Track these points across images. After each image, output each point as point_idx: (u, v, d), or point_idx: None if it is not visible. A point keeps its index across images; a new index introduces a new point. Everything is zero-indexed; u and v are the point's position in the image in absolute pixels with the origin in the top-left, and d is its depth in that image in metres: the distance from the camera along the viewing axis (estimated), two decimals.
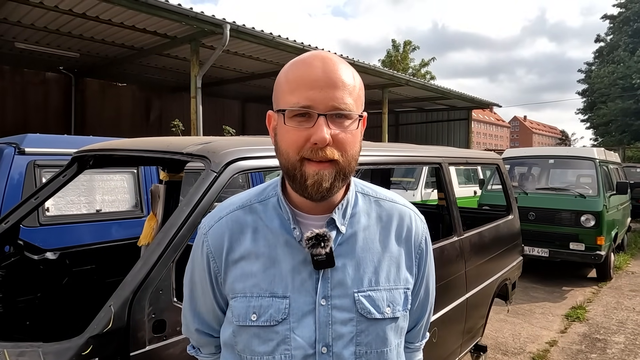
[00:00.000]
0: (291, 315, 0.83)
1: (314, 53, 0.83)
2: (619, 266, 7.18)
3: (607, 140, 28.38)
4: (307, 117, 0.78)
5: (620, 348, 4.09)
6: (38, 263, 2.51)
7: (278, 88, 0.85)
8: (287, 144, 0.80)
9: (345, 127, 0.80)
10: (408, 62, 28.15)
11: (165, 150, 1.74)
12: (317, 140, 0.77)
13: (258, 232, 0.88)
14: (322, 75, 0.79)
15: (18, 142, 3.32)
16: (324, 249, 0.82)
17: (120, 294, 1.24)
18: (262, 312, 0.84)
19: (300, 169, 0.80)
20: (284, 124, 0.80)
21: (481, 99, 15.98)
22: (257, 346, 0.84)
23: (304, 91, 0.78)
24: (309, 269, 0.84)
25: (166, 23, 7.62)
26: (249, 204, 0.92)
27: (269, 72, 11.39)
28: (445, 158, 3.08)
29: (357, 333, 0.84)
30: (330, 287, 0.84)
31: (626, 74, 25.35)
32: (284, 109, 0.80)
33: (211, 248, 0.90)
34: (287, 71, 0.84)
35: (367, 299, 0.85)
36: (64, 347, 1.15)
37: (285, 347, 0.83)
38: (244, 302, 0.85)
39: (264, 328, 0.83)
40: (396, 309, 0.88)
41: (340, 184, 0.82)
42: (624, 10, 28.99)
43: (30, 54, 9.85)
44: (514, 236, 3.97)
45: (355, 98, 0.81)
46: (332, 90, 0.78)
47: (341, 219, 0.87)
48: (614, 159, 8.21)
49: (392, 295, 0.88)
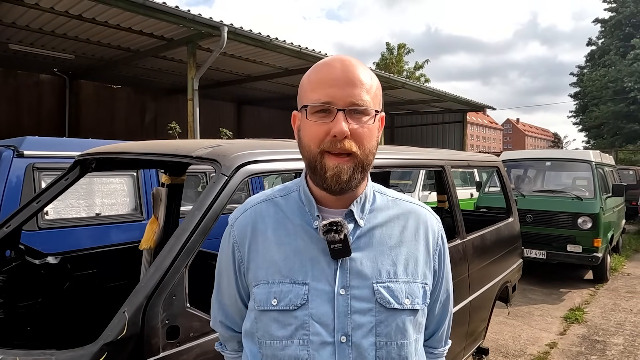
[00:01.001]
0: (310, 302, 0.86)
1: (334, 56, 0.90)
2: (615, 268, 7.23)
3: (599, 142, 28.66)
4: (327, 113, 0.84)
5: (619, 349, 4.12)
6: (39, 268, 2.47)
7: (301, 88, 0.91)
8: (309, 137, 0.86)
9: (363, 122, 0.85)
10: (402, 65, 28.26)
11: (174, 154, 1.72)
12: (336, 133, 0.82)
13: (280, 223, 0.93)
14: (341, 74, 0.85)
15: (17, 144, 3.28)
16: (338, 235, 0.85)
17: (133, 300, 1.22)
18: (282, 297, 0.87)
19: (320, 161, 0.85)
20: (306, 119, 0.86)
21: (476, 101, 16.07)
22: (276, 330, 0.87)
23: (325, 89, 0.85)
24: (328, 259, 0.87)
25: (163, 25, 7.58)
26: (271, 198, 0.98)
27: (265, 75, 11.38)
28: (448, 161, 3.08)
29: (376, 323, 0.86)
30: (349, 277, 0.87)
31: (617, 77, 25.63)
32: (306, 105, 0.86)
33: (236, 238, 0.96)
34: (310, 73, 0.91)
35: (385, 289, 0.87)
36: (78, 355, 1.13)
37: (303, 332, 0.85)
38: (265, 288, 0.89)
39: (283, 312, 0.86)
40: (415, 301, 0.90)
41: (359, 177, 0.86)
42: (615, 14, 29.36)
43: (24, 56, 9.75)
44: (514, 238, 3.98)
45: (372, 96, 0.87)
46: (351, 87, 0.84)
47: (359, 212, 0.91)
48: (609, 161, 8.29)
49: (411, 288, 0.90)
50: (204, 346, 1.34)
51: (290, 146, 1.91)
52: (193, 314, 1.34)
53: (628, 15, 28.10)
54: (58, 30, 8.02)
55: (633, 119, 25.73)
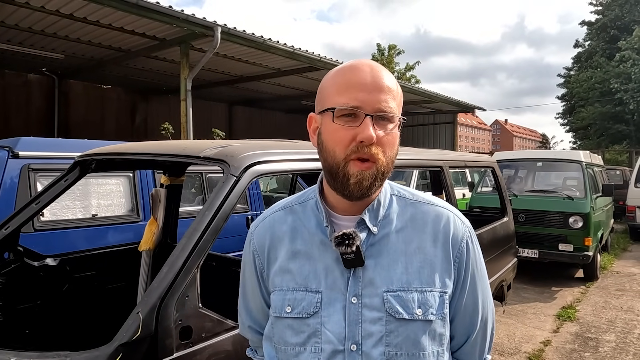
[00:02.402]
0: (323, 310, 0.86)
1: (360, 60, 0.89)
2: (605, 266, 7.35)
3: (586, 143, 29.12)
4: (353, 117, 0.83)
5: (611, 346, 4.19)
6: (38, 270, 2.44)
7: (324, 91, 0.89)
8: (334, 142, 0.84)
9: (388, 130, 0.85)
10: (393, 66, 28.38)
11: (181, 154, 1.72)
12: (364, 138, 0.81)
13: (297, 231, 0.93)
14: (371, 79, 0.84)
15: (12, 145, 3.23)
16: (349, 248, 0.84)
17: (147, 301, 1.22)
18: (296, 304, 0.88)
19: (344, 168, 0.84)
20: (331, 122, 0.84)
21: (466, 102, 16.23)
22: (290, 337, 0.88)
23: (354, 92, 0.83)
24: (341, 268, 0.87)
25: (156, 25, 7.52)
26: (289, 205, 0.98)
27: (258, 75, 11.35)
28: (447, 161, 3.12)
29: (386, 333, 0.84)
30: (361, 286, 0.86)
31: (604, 79, 26.08)
32: (333, 108, 0.84)
33: (256, 246, 0.97)
34: (335, 75, 0.89)
35: (396, 298, 0.85)
36: (93, 356, 1.12)
37: (315, 339, 0.86)
38: (280, 295, 0.91)
39: (297, 320, 0.87)
40: (428, 312, 0.86)
41: (379, 183, 0.86)
42: (601, 17, 29.87)
43: (12, 55, 9.59)
44: (509, 238, 4.04)
45: (397, 103, 0.88)
46: (379, 93, 0.84)
47: (372, 219, 0.90)
48: (598, 161, 8.43)
49: (425, 297, 0.87)
50: (217, 346, 1.35)
51: (295, 147, 1.92)
52: (205, 314, 1.34)
53: (613, 18, 28.62)
54: (48, 30, 7.91)
55: (619, 119, 26.21)
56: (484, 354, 1.00)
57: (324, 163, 0.88)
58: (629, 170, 13.16)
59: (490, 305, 0.99)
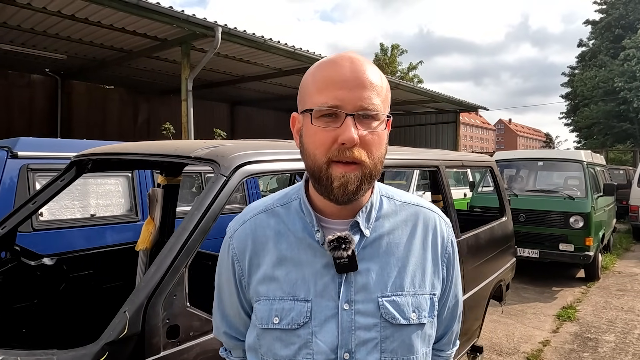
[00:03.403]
0: (313, 319, 0.82)
1: (341, 54, 0.82)
2: (606, 266, 7.32)
3: (590, 142, 29.02)
4: (334, 118, 0.77)
5: (611, 347, 4.18)
6: (35, 269, 2.46)
7: (304, 89, 0.83)
8: (314, 145, 0.79)
9: (373, 128, 0.79)
10: (396, 66, 28.35)
11: (173, 154, 1.73)
12: (345, 141, 0.75)
13: (281, 236, 0.88)
14: (351, 75, 0.78)
15: (11, 145, 3.25)
16: (345, 252, 0.80)
17: (134, 300, 1.23)
18: (284, 315, 0.83)
19: (326, 172, 0.78)
20: (310, 124, 0.79)
21: (469, 102, 16.18)
22: (279, 350, 0.83)
23: (332, 91, 0.77)
24: (332, 273, 0.83)
25: (157, 25, 7.55)
26: (271, 207, 0.92)
27: (259, 75, 11.37)
28: (443, 161, 3.11)
29: (381, 339, 0.82)
30: (353, 292, 0.83)
31: (608, 78, 25.97)
32: (311, 109, 0.79)
33: (236, 251, 0.90)
34: (315, 72, 0.82)
35: (391, 303, 0.83)
36: (80, 354, 1.13)
37: (307, 351, 0.81)
38: (266, 305, 0.85)
39: (286, 331, 0.83)
40: (422, 315, 0.86)
41: (366, 187, 0.81)
42: (605, 16, 29.73)
43: (15, 56, 9.65)
44: (507, 238, 4.02)
45: (382, 99, 0.81)
46: (361, 90, 0.77)
47: (365, 222, 0.86)
48: (600, 161, 8.39)
49: (418, 301, 0.86)
50: (204, 345, 1.36)
51: (287, 147, 1.92)
52: (193, 313, 1.35)
53: (617, 17, 28.49)
54: (50, 31, 7.96)
55: (623, 118, 26.09)
56: (456, 340, 1.05)
57: (306, 167, 0.83)
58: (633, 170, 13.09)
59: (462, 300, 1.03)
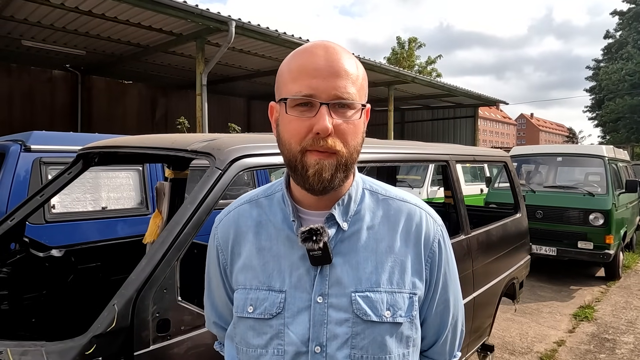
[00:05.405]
0: (286, 310, 0.82)
1: (317, 42, 0.82)
2: (628, 265, 7.10)
3: (615, 137, 28.13)
4: (309, 107, 0.77)
5: (629, 348, 4.04)
6: (43, 260, 2.51)
7: (280, 78, 0.83)
8: (289, 134, 0.79)
9: (348, 117, 0.78)
10: (414, 60, 27.97)
11: (170, 148, 1.72)
12: (319, 130, 0.75)
13: (261, 226, 0.89)
14: (325, 63, 0.77)
15: (24, 139, 3.32)
16: (316, 244, 0.80)
17: (124, 293, 1.23)
18: (258, 304, 0.84)
19: (301, 160, 0.78)
20: (285, 114, 0.79)
21: (488, 96, 15.86)
22: (252, 338, 0.84)
23: (306, 80, 0.77)
24: (307, 265, 0.83)
25: (172, 20, 7.61)
26: (255, 199, 0.94)
27: (274, 70, 11.32)
28: (453, 156, 3.04)
29: (352, 335, 0.81)
30: (328, 285, 0.82)
31: (635, 71, 25.11)
32: (285, 98, 0.79)
33: (220, 241, 0.93)
34: (290, 60, 0.82)
35: (364, 299, 0.82)
36: (67, 347, 1.13)
37: (278, 341, 0.82)
38: (243, 293, 0.86)
39: (259, 321, 0.83)
40: (397, 314, 0.83)
41: (342, 176, 0.80)
42: (634, 6, 28.67)
43: (37, 52, 9.89)
44: (521, 234, 3.92)
45: (358, 88, 0.80)
46: (335, 79, 0.77)
47: (342, 215, 0.85)
48: (623, 156, 8.11)
49: (394, 299, 0.83)
50: (196, 339, 1.35)
51: None
52: (184, 307, 1.34)
53: None
54: (69, 27, 8.11)
55: None
56: (454, 351, 0.99)
57: (283, 156, 0.82)
58: None
59: (460, 306, 0.97)
